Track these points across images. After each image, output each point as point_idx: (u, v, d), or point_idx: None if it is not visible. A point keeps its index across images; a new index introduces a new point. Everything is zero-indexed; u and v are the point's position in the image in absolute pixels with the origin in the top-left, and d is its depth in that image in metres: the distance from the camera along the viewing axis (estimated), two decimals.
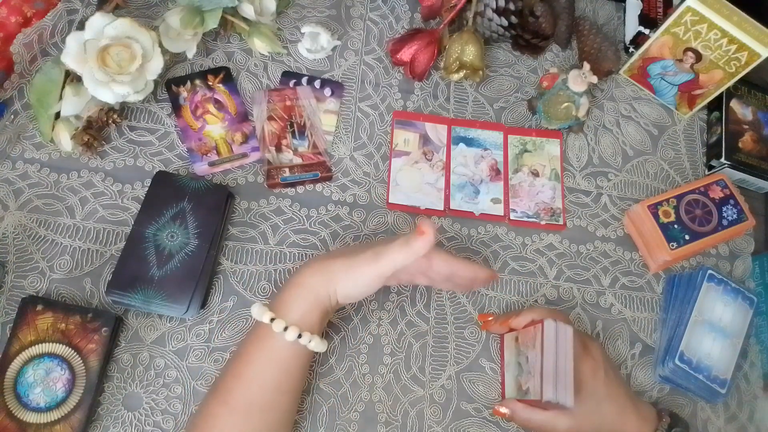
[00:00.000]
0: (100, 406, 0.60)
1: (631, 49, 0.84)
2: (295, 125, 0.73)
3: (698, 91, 0.79)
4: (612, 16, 0.89)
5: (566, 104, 0.74)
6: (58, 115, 0.67)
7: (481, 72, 0.76)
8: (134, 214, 0.66)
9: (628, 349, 0.69)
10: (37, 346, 0.58)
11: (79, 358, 0.58)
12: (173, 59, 0.75)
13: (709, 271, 0.69)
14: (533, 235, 0.73)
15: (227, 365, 0.58)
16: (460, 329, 0.68)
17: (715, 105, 0.81)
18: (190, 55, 0.74)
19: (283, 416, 0.56)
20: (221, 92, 0.74)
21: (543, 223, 0.73)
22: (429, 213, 0.72)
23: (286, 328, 0.54)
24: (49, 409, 0.57)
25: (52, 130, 0.67)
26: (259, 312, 0.55)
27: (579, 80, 0.73)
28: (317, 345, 0.55)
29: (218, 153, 0.71)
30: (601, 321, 0.70)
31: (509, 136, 0.77)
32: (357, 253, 0.56)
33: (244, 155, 0.71)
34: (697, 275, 0.69)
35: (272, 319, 0.54)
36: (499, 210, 0.73)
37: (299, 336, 0.54)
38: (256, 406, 0.54)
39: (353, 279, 0.56)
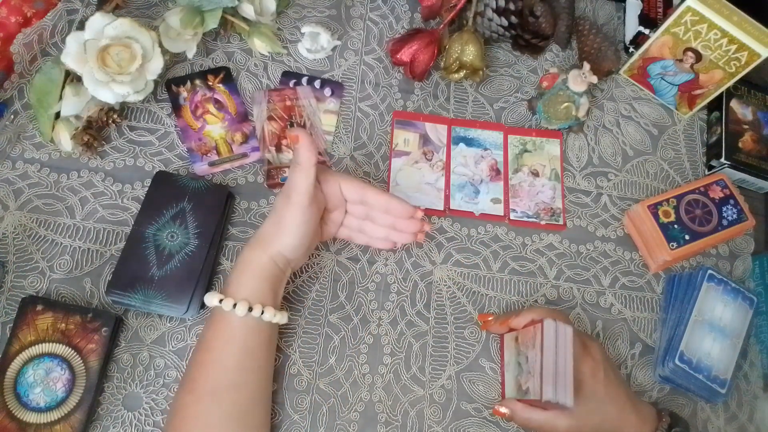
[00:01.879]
0: (100, 406, 0.60)
1: (631, 49, 0.84)
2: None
3: (698, 91, 0.79)
4: (612, 16, 0.89)
5: (566, 104, 0.74)
6: (58, 115, 0.67)
7: (481, 72, 0.76)
8: (134, 214, 0.66)
9: (628, 349, 0.69)
10: (37, 346, 0.58)
11: (79, 358, 0.58)
12: (173, 59, 0.75)
13: (709, 271, 0.69)
14: (533, 235, 0.73)
15: (191, 356, 0.59)
16: (460, 329, 0.68)
17: (715, 105, 0.81)
18: (190, 55, 0.74)
19: (254, 395, 0.56)
20: (221, 92, 0.74)
21: (543, 223, 0.73)
22: (429, 213, 0.72)
23: (235, 305, 0.54)
24: (49, 409, 0.57)
25: (52, 130, 0.67)
26: (210, 298, 0.56)
27: (579, 80, 0.73)
28: (272, 316, 0.56)
29: (218, 153, 0.71)
30: (601, 321, 0.70)
31: (509, 136, 0.77)
32: (274, 207, 0.58)
33: (244, 155, 0.71)
34: (697, 275, 0.69)
35: (221, 300, 0.55)
36: (499, 210, 0.73)
37: (250, 309, 0.55)
38: (222, 389, 0.54)
39: (283, 229, 0.57)
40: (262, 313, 0.55)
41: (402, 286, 0.69)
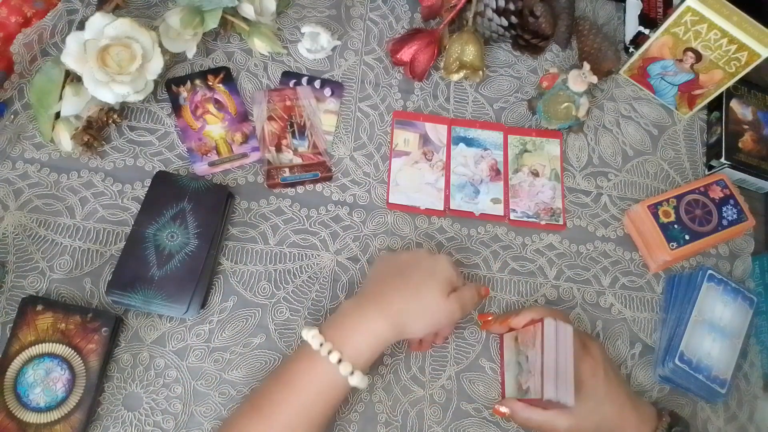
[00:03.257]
0: (100, 406, 0.60)
1: (631, 49, 0.84)
2: (295, 125, 0.73)
3: (698, 91, 0.79)
4: (612, 16, 0.89)
5: (566, 104, 0.74)
6: (58, 115, 0.67)
7: (481, 72, 0.76)
8: (134, 214, 0.66)
9: (628, 349, 0.69)
10: (37, 346, 0.58)
11: (79, 358, 0.58)
12: (173, 59, 0.75)
13: (709, 271, 0.69)
14: (533, 235, 0.73)
15: (273, 383, 0.55)
16: (460, 329, 0.68)
17: (715, 105, 0.81)
18: (190, 55, 0.74)
19: None
20: (221, 92, 0.74)
21: (543, 223, 0.73)
22: (429, 213, 0.72)
23: (340, 361, 0.53)
24: (49, 409, 0.57)
25: (52, 130, 0.67)
26: (318, 341, 0.54)
27: (579, 80, 0.73)
28: (364, 383, 0.54)
29: (218, 153, 0.71)
30: (601, 321, 0.70)
31: (509, 136, 0.77)
32: (432, 309, 0.57)
33: (244, 155, 0.71)
34: (697, 275, 0.69)
35: (339, 361, 0.53)
36: (499, 210, 0.73)
37: (352, 373, 0.53)
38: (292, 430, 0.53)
39: (424, 331, 0.58)
40: (357, 379, 0.53)
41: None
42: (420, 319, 0.57)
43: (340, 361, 0.53)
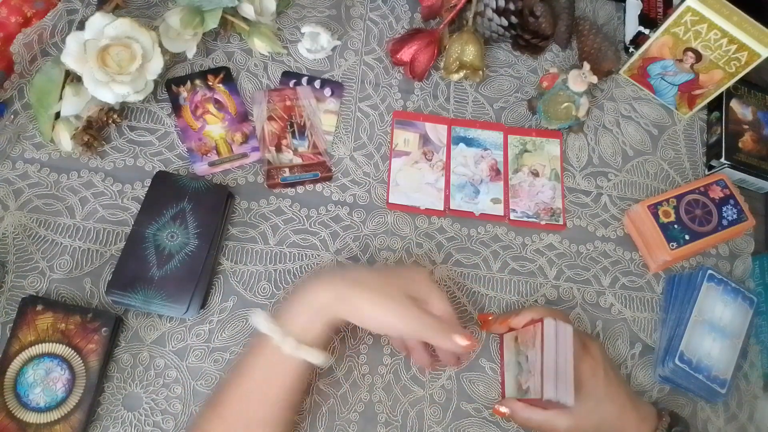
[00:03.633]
0: (100, 406, 0.60)
1: (631, 49, 0.84)
2: (295, 125, 0.73)
3: (698, 91, 0.79)
4: (612, 16, 0.89)
5: (566, 104, 0.74)
6: (58, 115, 0.67)
7: (481, 72, 0.76)
8: (134, 214, 0.66)
9: (628, 349, 0.69)
10: (37, 346, 0.58)
11: (79, 358, 0.58)
12: (173, 59, 0.75)
13: (709, 271, 0.69)
14: (533, 235, 0.73)
15: (226, 375, 0.56)
16: None
17: (715, 105, 0.81)
18: (190, 55, 0.74)
19: (283, 430, 0.54)
20: (221, 92, 0.74)
21: (543, 223, 0.73)
22: (429, 213, 0.72)
23: (285, 339, 0.52)
24: (48, 409, 0.57)
25: (52, 130, 0.67)
26: (260, 321, 0.53)
27: (579, 80, 0.73)
28: (317, 358, 0.53)
29: (218, 153, 0.71)
30: (601, 321, 0.70)
31: (509, 136, 0.77)
32: (386, 294, 0.54)
33: (244, 155, 0.71)
34: (697, 275, 0.69)
35: (273, 330, 0.52)
36: (499, 210, 0.73)
37: (299, 348, 0.52)
38: (254, 422, 0.52)
39: (375, 319, 0.54)
40: (309, 354, 0.52)
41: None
42: (372, 302, 0.53)
43: (286, 340, 0.52)
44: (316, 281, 0.55)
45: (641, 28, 0.83)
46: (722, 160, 0.77)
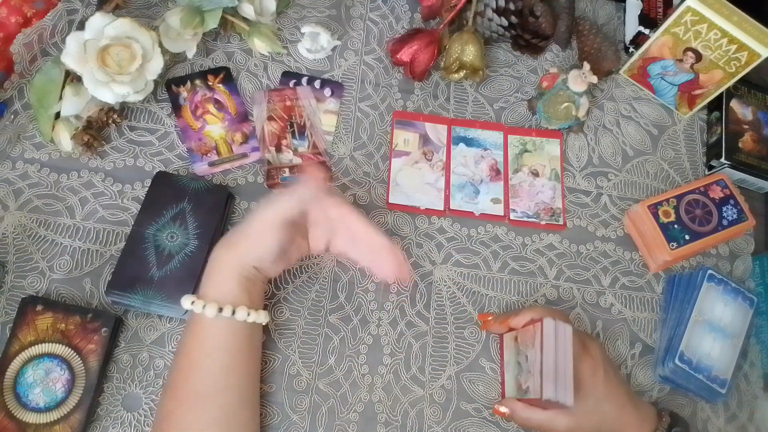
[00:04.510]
0: (100, 406, 0.60)
1: (631, 49, 0.84)
2: (295, 125, 0.73)
3: (698, 91, 0.79)
4: (612, 16, 0.89)
5: (566, 104, 0.74)
6: (58, 115, 0.67)
7: (481, 72, 0.76)
8: (134, 214, 0.66)
9: (628, 349, 0.69)
10: (36, 346, 0.58)
11: (79, 359, 0.58)
12: (173, 59, 0.75)
13: (709, 271, 0.69)
14: (533, 235, 0.73)
15: (172, 362, 0.58)
16: (460, 329, 0.68)
17: (715, 105, 0.81)
18: (190, 55, 0.74)
19: (239, 396, 0.55)
20: (221, 92, 0.74)
21: (543, 223, 0.73)
22: (429, 213, 0.72)
23: (204, 307, 0.54)
24: (48, 409, 0.57)
25: (52, 130, 0.67)
26: (184, 300, 0.55)
27: (579, 80, 0.73)
28: (244, 315, 0.55)
29: (218, 153, 0.71)
30: (601, 321, 0.70)
31: (509, 136, 0.77)
32: (252, 215, 0.57)
33: (244, 155, 0.71)
34: (697, 275, 0.69)
35: (192, 303, 0.54)
36: (499, 210, 0.73)
37: (220, 310, 0.54)
38: (203, 393, 0.53)
39: (250, 237, 0.56)
40: (233, 313, 0.54)
41: (402, 286, 0.68)
42: (248, 236, 0.56)
43: (205, 306, 0.54)
44: (216, 246, 0.57)
45: (641, 28, 0.83)
46: (722, 160, 0.77)
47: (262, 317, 0.57)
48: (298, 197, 0.56)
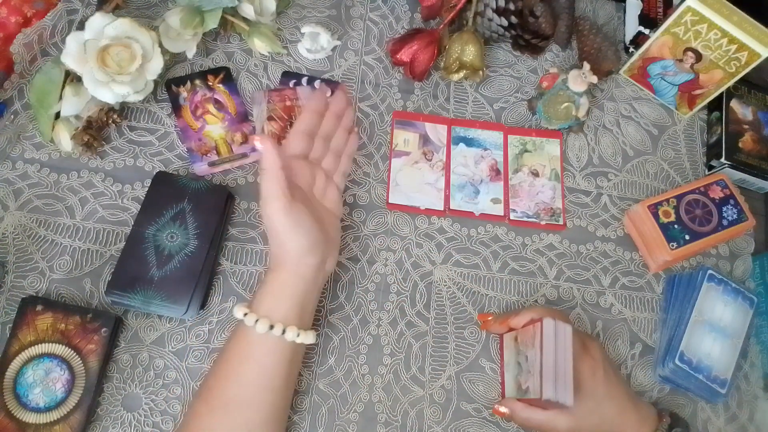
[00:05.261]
0: (100, 406, 0.60)
1: (631, 49, 0.84)
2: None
3: (698, 91, 0.79)
4: (612, 16, 0.89)
5: (566, 104, 0.74)
6: (58, 115, 0.67)
7: (481, 72, 0.76)
8: (134, 215, 0.66)
9: (628, 349, 0.69)
10: (36, 346, 0.58)
11: (79, 359, 0.58)
12: (173, 59, 0.75)
13: (709, 271, 0.69)
14: (533, 235, 0.73)
15: (211, 366, 0.58)
16: (460, 329, 0.68)
17: (715, 105, 0.81)
18: (190, 55, 0.74)
19: (267, 415, 0.55)
20: (221, 92, 0.74)
21: (543, 223, 0.73)
22: (429, 213, 0.72)
23: (256, 322, 0.53)
24: (48, 409, 0.57)
25: (52, 130, 0.67)
26: (237, 310, 0.55)
27: (579, 80, 0.73)
28: (294, 336, 0.54)
29: (218, 153, 0.71)
30: (601, 321, 0.70)
31: (509, 136, 0.77)
32: (264, 223, 0.56)
33: (244, 155, 0.71)
34: (697, 275, 0.69)
35: (245, 314, 0.54)
36: (499, 210, 0.73)
37: (271, 327, 0.53)
38: (234, 404, 0.53)
39: (284, 239, 0.54)
40: (284, 332, 0.54)
41: (402, 286, 0.69)
42: (283, 243, 0.55)
43: (246, 315, 0.54)
44: (266, 269, 0.57)
45: (641, 28, 0.83)
46: (722, 160, 0.77)
47: (310, 338, 0.56)
48: (273, 170, 0.53)
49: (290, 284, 0.55)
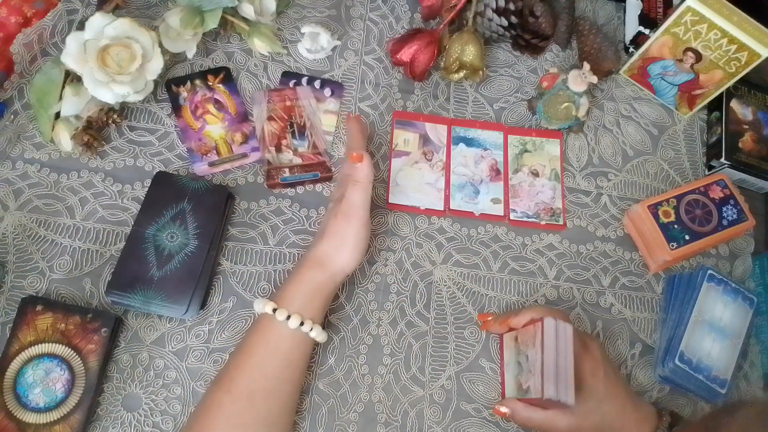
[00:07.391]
0: (100, 406, 0.60)
1: (631, 49, 0.84)
2: (295, 125, 0.73)
3: (698, 91, 0.79)
4: (612, 16, 0.89)
5: (566, 104, 0.74)
6: (58, 115, 0.67)
7: (481, 72, 0.76)
8: (134, 215, 0.66)
9: (628, 349, 0.69)
10: (36, 346, 0.58)
11: (79, 359, 0.58)
12: (173, 59, 0.75)
13: (709, 271, 0.69)
14: (533, 235, 0.73)
15: (230, 358, 0.60)
16: (460, 329, 0.68)
17: (715, 105, 0.81)
18: (190, 55, 0.74)
19: (285, 405, 0.58)
20: (221, 92, 0.74)
21: (543, 223, 0.73)
22: (429, 213, 0.72)
23: (288, 317, 0.56)
24: (48, 409, 0.57)
25: (52, 130, 0.67)
26: (262, 304, 0.57)
27: (579, 80, 0.73)
28: (319, 334, 0.58)
29: (218, 153, 0.71)
30: (601, 321, 0.70)
31: (509, 136, 0.77)
32: (330, 228, 0.60)
33: (244, 155, 0.71)
34: (697, 275, 0.69)
35: (275, 309, 0.56)
36: (499, 210, 0.73)
37: (301, 324, 0.56)
38: (259, 393, 0.55)
39: (348, 248, 0.59)
40: (311, 329, 0.57)
41: (402, 286, 0.69)
42: (345, 251, 0.59)
43: (275, 310, 0.57)
44: (303, 263, 0.60)
45: (641, 28, 0.83)
46: (722, 160, 0.77)
47: (324, 336, 0.59)
48: (366, 185, 0.60)
49: (326, 287, 0.59)
